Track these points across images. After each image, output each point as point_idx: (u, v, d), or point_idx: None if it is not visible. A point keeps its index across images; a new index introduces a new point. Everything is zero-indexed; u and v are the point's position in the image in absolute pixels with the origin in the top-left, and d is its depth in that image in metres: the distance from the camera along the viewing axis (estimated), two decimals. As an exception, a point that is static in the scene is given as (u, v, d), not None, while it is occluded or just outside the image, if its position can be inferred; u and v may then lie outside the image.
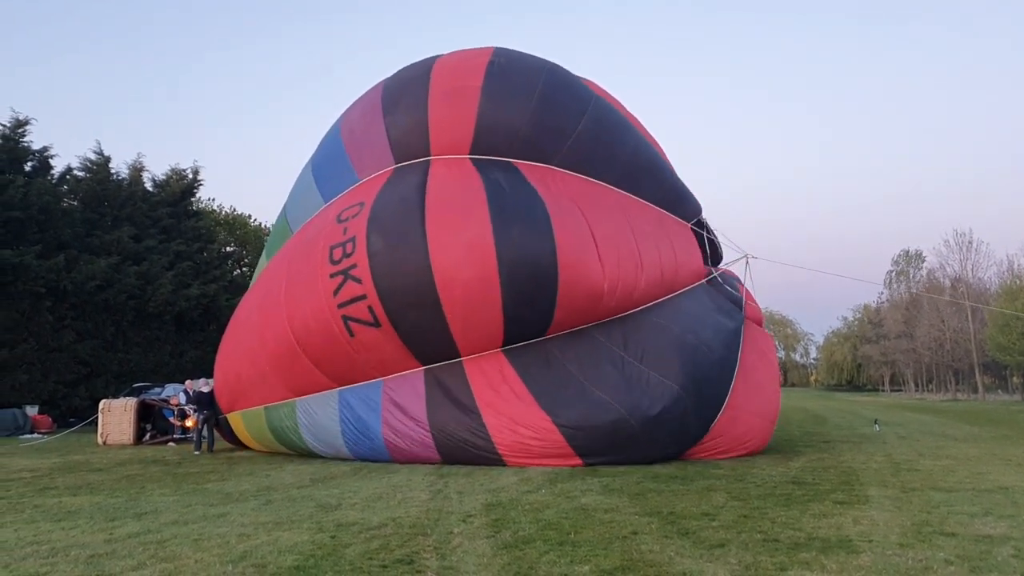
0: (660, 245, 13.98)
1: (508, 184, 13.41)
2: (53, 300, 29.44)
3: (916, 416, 31.92)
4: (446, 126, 14.06)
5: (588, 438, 12.77)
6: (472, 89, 14.09)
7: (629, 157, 14.52)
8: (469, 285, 12.71)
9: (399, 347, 13.49)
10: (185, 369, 33.90)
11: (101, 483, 11.89)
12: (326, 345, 13.86)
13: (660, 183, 14.76)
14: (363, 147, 15.08)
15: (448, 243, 12.79)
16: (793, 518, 8.16)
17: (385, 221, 13.34)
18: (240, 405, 16.45)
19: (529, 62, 14.90)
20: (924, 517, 8.17)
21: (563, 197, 13.50)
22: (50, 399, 29.05)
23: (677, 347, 13.25)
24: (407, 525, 7.93)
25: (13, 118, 30.15)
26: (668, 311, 13.76)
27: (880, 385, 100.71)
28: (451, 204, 13.19)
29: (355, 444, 14.26)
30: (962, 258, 66.17)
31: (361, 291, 13.17)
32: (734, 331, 14.18)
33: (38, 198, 29.13)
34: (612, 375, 12.99)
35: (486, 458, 13.08)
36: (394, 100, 14.85)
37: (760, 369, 14.45)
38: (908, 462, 13.43)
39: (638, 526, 7.77)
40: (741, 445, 13.97)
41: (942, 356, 68.85)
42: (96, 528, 8.06)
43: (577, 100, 14.54)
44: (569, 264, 12.84)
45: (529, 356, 13.40)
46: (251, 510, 9.04)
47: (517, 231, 12.77)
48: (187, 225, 37.67)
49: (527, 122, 13.87)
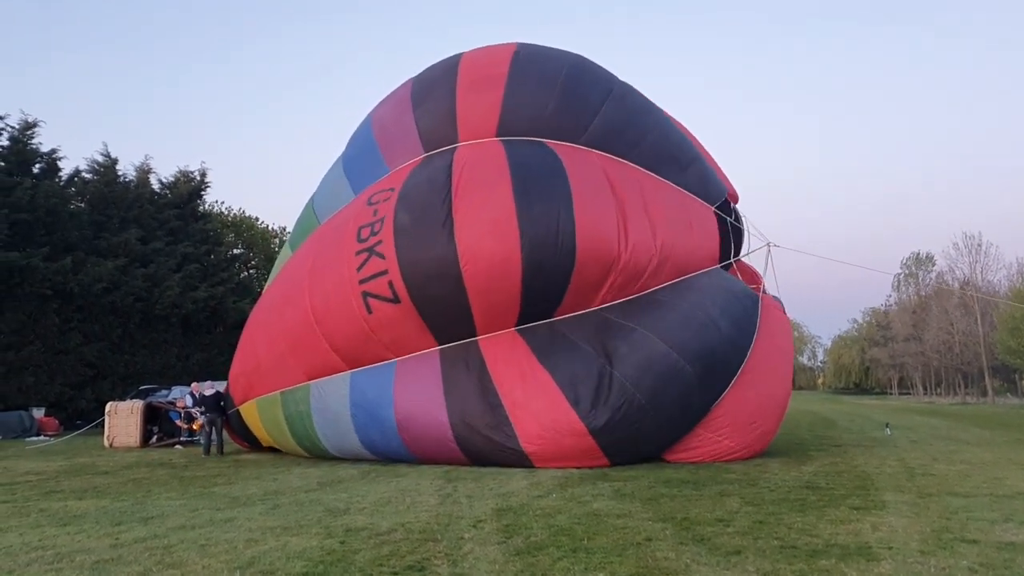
0: (679, 227, 14.00)
1: (533, 159, 13.74)
2: (60, 302, 29.42)
3: (926, 420, 31.68)
4: (473, 112, 14.58)
5: (597, 411, 12.69)
6: (498, 76, 14.73)
7: (654, 138, 14.73)
8: (492, 260, 12.90)
9: (417, 323, 13.54)
10: (192, 371, 33.89)
11: (107, 486, 11.80)
12: (342, 320, 13.96)
13: (684, 165, 14.78)
14: (394, 140, 15.50)
15: (472, 219, 13.08)
16: (810, 524, 8.00)
17: (413, 199, 13.69)
18: (257, 392, 16.29)
19: (553, 52, 15.65)
20: (943, 523, 8.01)
21: (590, 172, 13.69)
22: (56, 401, 29.03)
23: (683, 322, 13.20)
24: (417, 530, 7.80)
25: (22, 120, 30.26)
26: (679, 290, 13.68)
27: (888, 388, 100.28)
28: (476, 181, 13.49)
29: (364, 428, 14.09)
30: (971, 261, 65.92)
31: (383, 266, 13.39)
32: (746, 311, 13.94)
33: (46, 200, 29.14)
34: (620, 347, 12.98)
35: (507, 441, 12.96)
36: (423, 93, 15.47)
37: (774, 355, 14.24)
38: (922, 467, 13.25)
39: (652, 532, 7.63)
40: (750, 426, 13.75)
41: (951, 359, 68.50)
42: (102, 533, 7.95)
43: (601, 81, 15.12)
44: (588, 239, 13.01)
45: (541, 334, 13.46)
46: (258, 514, 8.92)
47: (539, 209, 13.03)
48: (194, 227, 37.67)
49: (552, 103, 14.35)
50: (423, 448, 13.70)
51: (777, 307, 15.02)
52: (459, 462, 13.51)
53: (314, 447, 15.32)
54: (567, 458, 12.97)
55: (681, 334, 13.06)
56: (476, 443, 13.22)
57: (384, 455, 14.32)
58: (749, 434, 13.80)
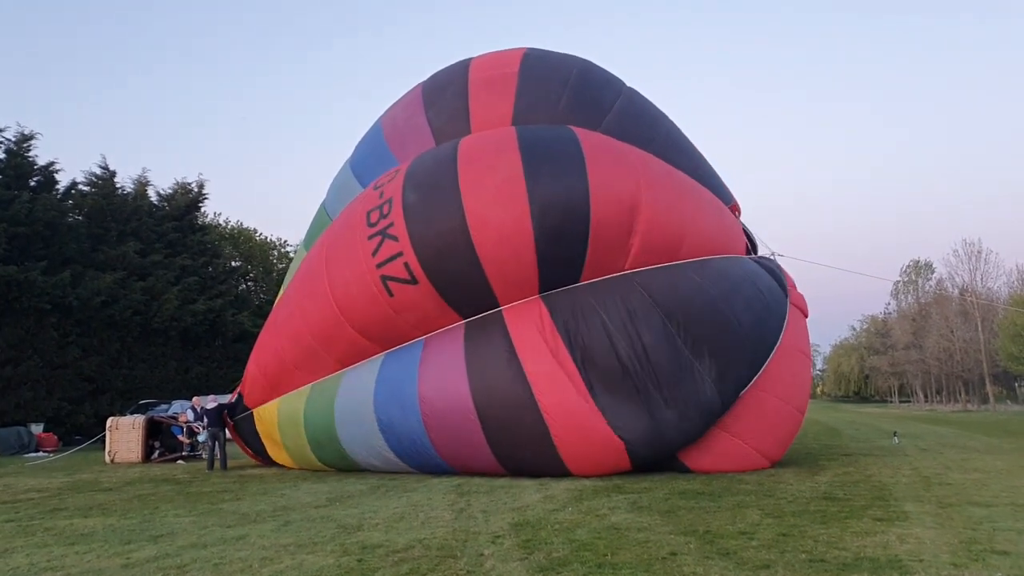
0: (706, 205, 13.92)
1: (543, 130, 13.74)
2: (58, 316, 29.21)
3: (931, 428, 31.57)
4: (486, 109, 14.75)
5: (612, 397, 12.51)
6: (510, 75, 14.93)
7: (665, 138, 14.77)
8: (503, 226, 12.73)
9: (437, 302, 13.42)
10: (191, 385, 33.68)
11: (112, 504, 11.59)
12: (368, 309, 13.85)
13: (696, 166, 14.76)
14: (407, 139, 15.59)
15: (479, 186, 12.95)
16: (835, 536, 7.84)
17: (419, 176, 13.68)
18: (282, 390, 16.06)
19: (562, 55, 15.84)
20: (970, 534, 7.85)
21: (606, 141, 13.64)
22: (55, 416, 28.76)
23: (710, 313, 12.89)
24: (435, 547, 7.61)
25: (18, 133, 30.11)
26: (710, 272, 13.27)
27: (888, 396, 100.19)
28: (483, 150, 13.52)
29: (384, 405, 13.85)
30: (971, 268, 65.84)
31: (398, 248, 13.26)
32: (772, 311, 13.63)
33: (43, 213, 28.98)
34: (644, 335, 12.62)
35: (525, 411, 12.67)
36: (435, 95, 15.63)
37: (798, 360, 14.05)
38: (938, 476, 13.11)
39: (675, 546, 7.45)
40: (771, 431, 13.59)
41: (952, 367, 68.36)
42: (111, 552, 7.75)
43: (611, 83, 15.36)
44: (603, 199, 12.75)
45: (566, 302, 13.11)
46: (270, 531, 8.73)
47: (548, 168, 12.89)
48: (193, 239, 37.50)
49: (564, 99, 14.50)
50: (441, 425, 13.30)
51: (801, 310, 14.79)
52: (477, 441, 13.12)
53: (327, 441, 14.97)
54: (586, 443, 12.67)
55: (704, 325, 12.76)
56: (497, 416, 12.88)
57: (397, 439, 13.89)
58: (767, 438, 13.61)
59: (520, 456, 13.13)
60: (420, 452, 13.87)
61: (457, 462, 13.77)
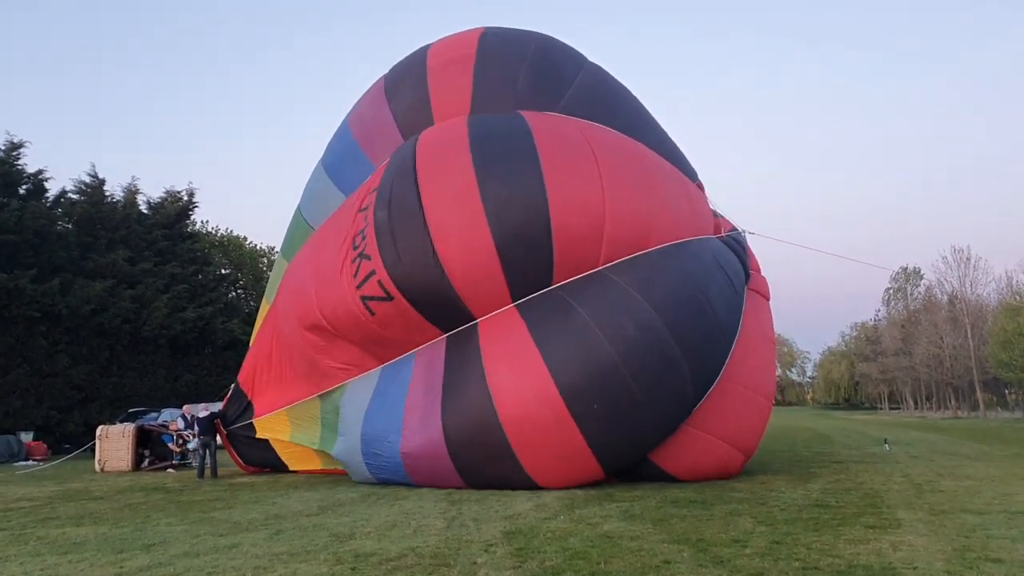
0: (673, 186, 13.58)
1: (494, 125, 13.43)
2: (48, 324, 29.08)
3: (922, 435, 31.65)
4: (445, 94, 14.48)
5: (588, 402, 12.01)
6: (467, 56, 14.61)
7: (629, 114, 14.48)
8: (462, 233, 12.50)
9: (415, 317, 13.29)
10: (180, 393, 33.52)
11: (104, 512, 11.52)
12: (353, 329, 13.85)
13: (660, 141, 14.45)
14: (373, 135, 15.42)
15: (438, 199, 12.78)
16: (828, 544, 7.85)
17: (385, 194, 13.48)
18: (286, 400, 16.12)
19: (521, 31, 15.51)
20: (964, 542, 7.87)
21: (561, 130, 13.28)
22: (44, 425, 28.60)
23: (690, 303, 12.52)
24: (428, 555, 7.60)
25: (7, 141, 29.96)
26: (686, 258, 12.89)
27: (878, 403, 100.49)
28: (437, 159, 13.27)
29: (372, 415, 13.78)
30: (960, 274, 66.15)
31: (371, 267, 13.23)
32: (737, 297, 13.46)
33: (33, 221, 28.83)
34: (627, 326, 12.14)
35: (488, 428, 12.28)
36: (395, 85, 15.47)
37: (760, 345, 13.91)
38: (929, 483, 13.13)
39: (668, 555, 7.45)
40: (740, 422, 13.32)
41: (941, 373, 68.63)
42: (105, 561, 7.71)
43: (572, 57, 15.04)
44: (561, 195, 12.40)
45: (542, 306, 12.75)
46: (263, 540, 8.70)
47: (500, 168, 12.66)
48: (182, 247, 37.40)
49: (523, 76, 14.17)
50: (414, 455, 13.06)
51: (762, 295, 14.58)
52: (443, 462, 12.81)
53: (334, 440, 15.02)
54: (552, 454, 12.33)
55: (682, 314, 12.37)
56: (460, 434, 12.53)
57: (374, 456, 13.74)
58: (737, 430, 13.38)
59: (484, 472, 12.77)
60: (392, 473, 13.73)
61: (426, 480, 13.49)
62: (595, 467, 12.63)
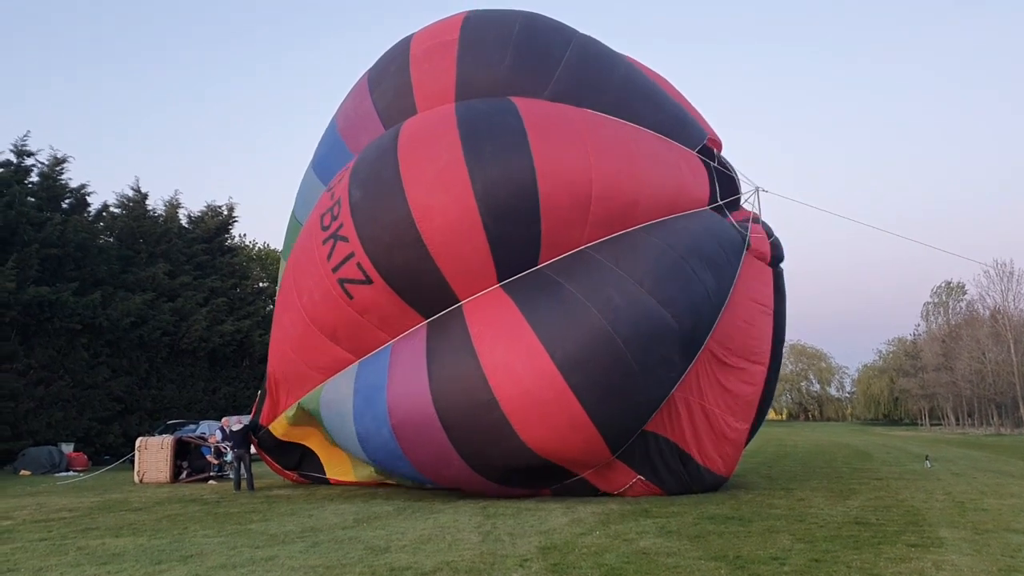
0: (665, 164, 13.45)
1: (482, 105, 13.23)
2: (89, 337, 29.55)
3: (964, 451, 31.09)
4: (427, 82, 14.19)
5: (585, 373, 11.99)
6: (449, 42, 14.26)
7: (621, 82, 14.18)
8: (447, 211, 12.31)
9: (396, 301, 13.09)
10: (218, 405, 33.91)
11: (143, 523, 11.64)
12: (330, 312, 13.72)
13: (658, 108, 14.20)
14: (356, 128, 15.25)
15: (420, 173, 12.57)
16: (868, 562, 7.73)
17: (362, 171, 13.38)
18: (282, 407, 16.30)
19: (505, 11, 14.95)
20: (1009, 562, 7.72)
21: (550, 110, 13.18)
22: (84, 436, 29.02)
23: (675, 272, 12.56)
24: (463, 570, 7.59)
25: (51, 156, 30.47)
26: (670, 232, 12.91)
27: (919, 419, 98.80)
28: (422, 135, 13.11)
29: (360, 416, 13.68)
30: (1003, 288, 65.12)
31: (349, 249, 13.04)
32: (729, 266, 13.41)
33: (75, 235, 29.34)
34: (614, 298, 12.19)
35: (484, 406, 12.22)
36: (378, 75, 15.26)
37: (752, 310, 13.86)
38: (972, 501, 12.89)
39: (706, 572, 7.38)
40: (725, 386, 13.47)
41: (984, 389, 67.45)
42: (143, 572, 7.79)
43: (559, 32, 14.58)
44: (549, 172, 12.31)
45: (529, 285, 12.65)
46: (299, 552, 8.73)
47: (489, 147, 12.46)
48: (221, 261, 37.86)
49: (508, 58, 13.82)
50: (409, 434, 12.99)
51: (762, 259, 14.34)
52: (442, 445, 12.74)
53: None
54: (551, 427, 12.22)
55: (670, 286, 12.43)
56: (458, 417, 12.45)
57: (375, 450, 13.75)
58: (730, 396, 13.46)
59: (486, 452, 12.67)
60: (396, 463, 13.72)
61: (431, 471, 13.53)
62: (597, 439, 12.44)
